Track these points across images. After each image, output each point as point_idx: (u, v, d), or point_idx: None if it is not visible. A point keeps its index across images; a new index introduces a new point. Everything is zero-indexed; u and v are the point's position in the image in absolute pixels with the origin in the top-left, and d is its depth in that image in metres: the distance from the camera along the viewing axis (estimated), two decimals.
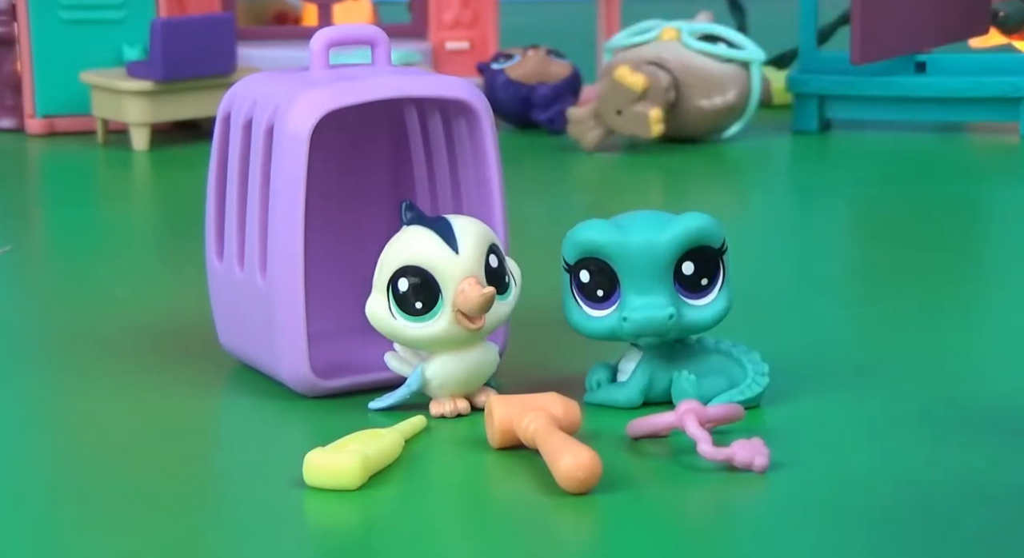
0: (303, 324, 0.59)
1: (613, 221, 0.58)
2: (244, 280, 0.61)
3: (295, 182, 0.58)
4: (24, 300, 0.82)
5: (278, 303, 0.59)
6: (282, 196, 0.58)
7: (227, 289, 0.62)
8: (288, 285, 0.58)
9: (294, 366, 0.59)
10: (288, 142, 0.58)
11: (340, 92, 0.58)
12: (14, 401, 0.63)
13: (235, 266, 0.61)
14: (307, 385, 0.59)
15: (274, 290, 0.59)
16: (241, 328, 0.62)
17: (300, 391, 0.60)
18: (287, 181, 0.58)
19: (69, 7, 1.36)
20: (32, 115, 1.38)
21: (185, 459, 0.56)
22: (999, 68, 1.30)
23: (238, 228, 0.61)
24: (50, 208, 1.12)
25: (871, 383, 0.61)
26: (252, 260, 0.60)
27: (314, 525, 0.49)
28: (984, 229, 1.00)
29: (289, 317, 0.59)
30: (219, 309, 0.64)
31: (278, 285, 0.59)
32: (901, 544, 0.46)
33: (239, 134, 0.61)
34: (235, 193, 0.61)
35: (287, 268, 0.58)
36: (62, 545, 0.48)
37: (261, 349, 0.61)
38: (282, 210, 0.58)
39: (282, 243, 0.58)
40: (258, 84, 0.61)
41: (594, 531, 0.48)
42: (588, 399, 0.59)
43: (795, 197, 1.12)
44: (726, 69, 1.26)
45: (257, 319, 0.60)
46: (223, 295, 0.63)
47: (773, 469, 0.52)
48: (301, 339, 0.59)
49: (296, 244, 0.58)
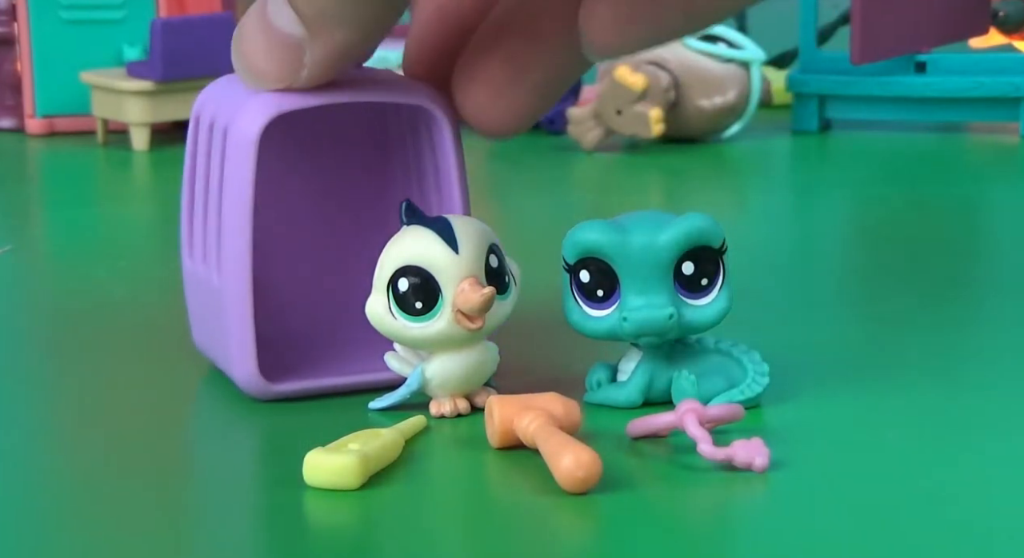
0: (251, 325, 0.59)
1: (613, 221, 0.58)
2: (205, 279, 0.61)
3: (244, 184, 0.58)
4: (24, 300, 0.82)
5: (229, 302, 0.59)
6: (231, 197, 0.58)
7: (195, 287, 0.63)
8: (237, 286, 0.58)
9: (244, 369, 0.59)
10: (237, 145, 0.58)
11: (288, 96, 0.58)
12: (13, 401, 0.63)
13: (199, 265, 0.61)
14: (257, 388, 0.59)
15: (225, 290, 0.59)
16: (206, 327, 0.63)
17: (250, 394, 0.60)
18: (236, 183, 0.58)
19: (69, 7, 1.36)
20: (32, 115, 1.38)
21: (183, 458, 0.56)
22: (999, 68, 1.30)
23: (201, 226, 0.61)
24: (50, 208, 1.12)
25: (871, 383, 0.61)
26: (211, 260, 0.60)
27: (314, 525, 0.49)
28: (984, 229, 1.00)
29: (239, 317, 0.59)
30: (191, 308, 0.64)
31: (228, 285, 0.59)
32: (901, 544, 0.46)
33: (205, 136, 0.61)
34: (201, 194, 0.61)
35: (236, 268, 0.58)
36: (60, 545, 0.48)
37: (219, 350, 0.61)
38: (231, 211, 0.58)
39: (230, 243, 0.58)
40: (226, 87, 0.61)
41: (594, 531, 0.48)
42: (588, 399, 0.59)
43: (795, 197, 1.12)
44: (726, 69, 1.26)
45: (216, 319, 0.61)
46: (192, 294, 0.64)
47: (773, 469, 0.52)
48: (250, 341, 0.59)
49: (244, 245, 0.58)
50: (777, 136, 1.31)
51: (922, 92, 1.30)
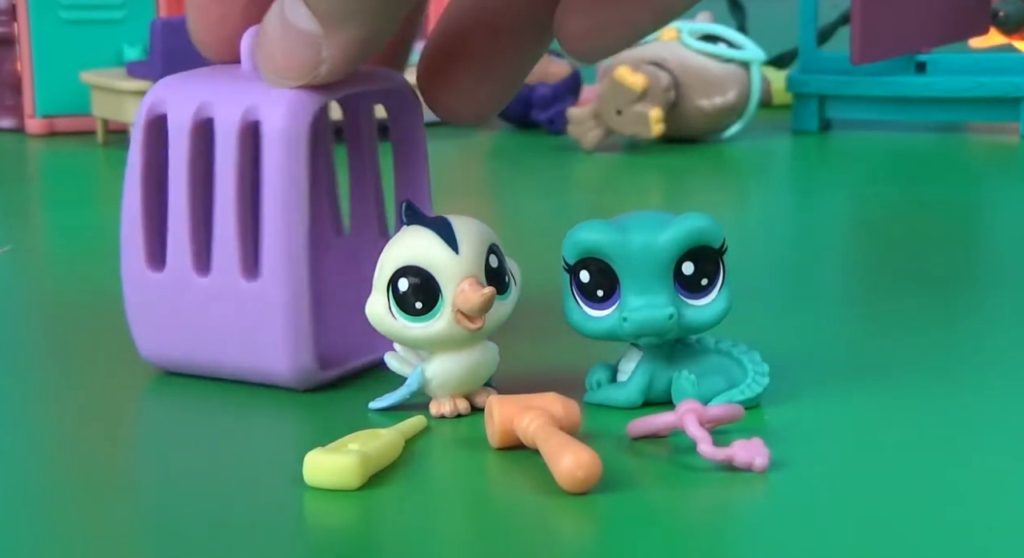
0: (308, 318, 0.59)
1: (613, 221, 0.58)
2: (209, 285, 0.60)
3: (295, 180, 0.58)
4: (24, 300, 0.82)
5: (278, 300, 0.59)
6: (279, 195, 0.58)
7: (170, 297, 0.62)
8: (292, 281, 0.59)
9: (296, 361, 0.59)
10: (282, 141, 0.58)
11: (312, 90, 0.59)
12: (13, 401, 0.63)
13: (190, 273, 0.61)
14: (309, 377, 0.60)
15: (272, 287, 0.59)
16: (193, 335, 0.61)
17: (298, 385, 0.60)
18: (286, 178, 0.58)
19: (69, 7, 1.36)
20: (32, 115, 1.38)
21: (182, 458, 0.56)
22: (999, 68, 1.30)
23: (192, 234, 0.60)
24: (50, 208, 1.12)
25: (871, 383, 0.61)
26: (227, 264, 0.60)
27: (314, 525, 0.49)
28: (984, 229, 1.00)
29: (294, 313, 0.59)
30: (148, 319, 0.63)
31: (278, 282, 0.59)
32: (902, 544, 0.46)
33: (186, 136, 0.60)
34: (184, 199, 0.60)
35: (290, 264, 0.59)
36: (59, 545, 0.48)
37: (236, 352, 0.61)
38: (280, 208, 0.58)
39: (283, 241, 0.58)
40: (196, 84, 0.61)
41: (594, 531, 0.48)
42: (588, 399, 0.59)
43: (795, 197, 1.12)
44: (726, 69, 1.26)
45: (227, 323, 0.60)
46: (160, 304, 0.62)
47: (773, 469, 0.52)
48: (306, 333, 0.59)
49: (300, 241, 0.59)
50: (777, 136, 1.31)
51: (922, 92, 1.30)
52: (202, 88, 0.61)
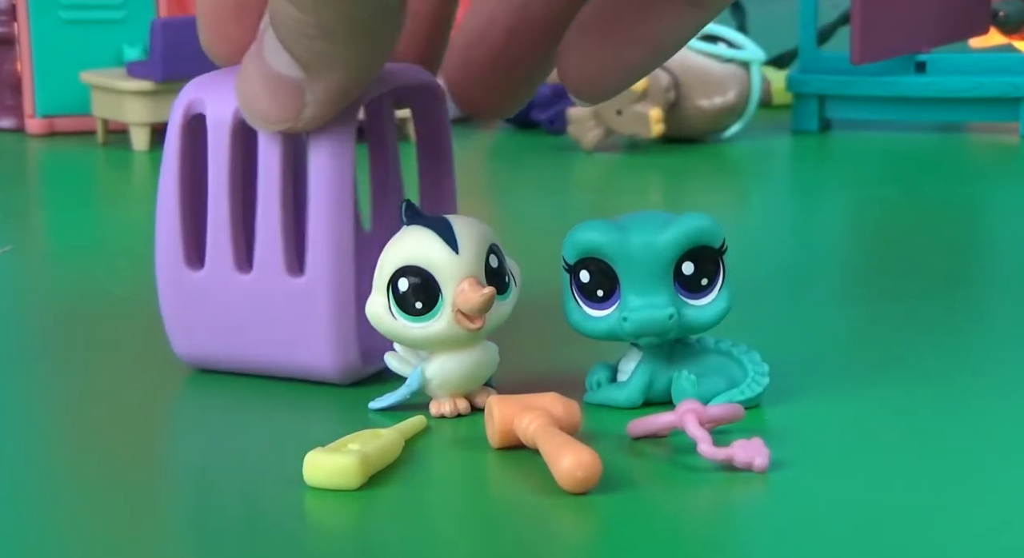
0: (353, 315, 0.60)
1: (613, 221, 0.58)
2: (252, 282, 0.60)
3: (344, 179, 0.59)
4: (24, 300, 0.82)
5: (325, 297, 0.59)
6: (328, 194, 0.59)
7: (211, 296, 0.62)
8: (338, 279, 0.59)
9: (341, 356, 0.60)
10: (330, 140, 0.58)
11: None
12: (12, 401, 0.63)
13: (230, 271, 0.61)
14: (354, 371, 0.61)
15: (319, 285, 0.59)
16: (234, 333, 0.62)
17: (341, 379, 0.61)
18: (333, 179, 0.59)
19: (69, 7, 1.36)
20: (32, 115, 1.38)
21: (183, 458, 0.56)
22: (999, 68, 1.30)
23: (232, 232, 0.61)
24: (50, 208, 1.12)
25: (871, 383, 0.61)
26: (271, 261, 0.60)
27: (314, 525, 0.49)
28: (984, 229, 1.00)
29: (340, 310, 0.60)
30: (187, 317, 0.63)
31: (326, 280, 0.59)
32: (902, 544, 0.46)
33: (226, 135, 0.60)
34: (225, 198, 0.60)
35: (338, 263, 0.59)
36: (59, 545, 0.48)
37: (276, 349, 0.61)
38: (330, 207, 0.59)
39: (332, 239, 0.59)
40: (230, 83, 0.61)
41: (594, 531, 0.48)
42: (588, 399, 0.59)
43: (795, 197, 1.12)
44: (726, 69, 1.26)
45: (270, 320, 0.60)
46: (200, 303, 0.62)
47: (773, 469, 0.52)
48: (351, 329, 0.60)
49: (347, 238, 0.59)
50: (777, 136, 1.31)
51: (922, 92, 1.31)
52: None
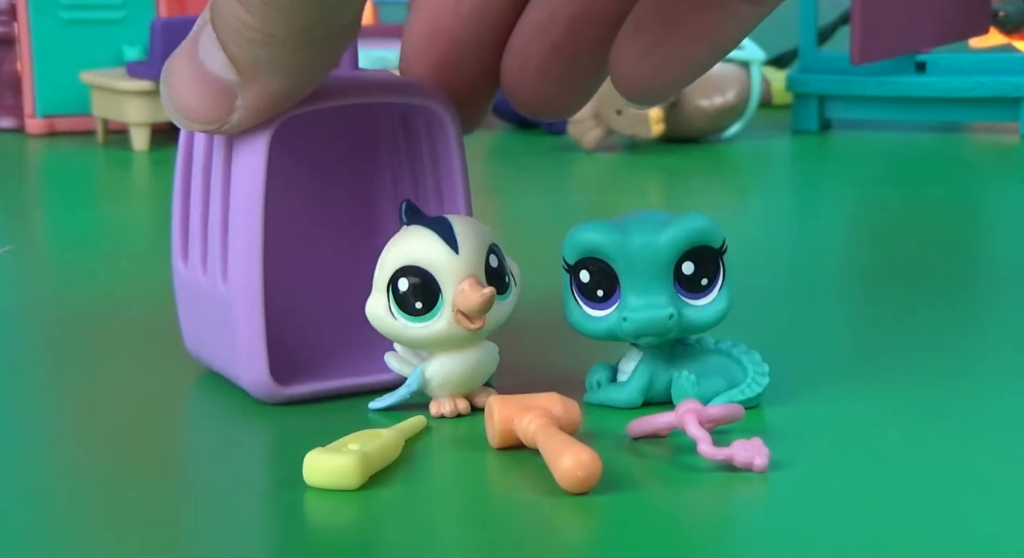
0: (262, 329, 0.58)
1: (613, 221, 0.58)
2: (207, 284, 0.60)
3: (255, 185, 0.57)
4: (24, 300, 0.82)
5: (238, 307, 0.58)
6: (242, 199, 0.58)
7: (191, 294, 0.62)
8: (247, 289, 0.58)
9: (253, 373, 0.59)
10: (248, 145, 0.57)
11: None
12: (12, 401, 0.63)
13: (198, 270, 0.61)
14: (267, 391, 0.59)
15: (233, 295, 0.58)
16: (204, 334, 0.62)
17: (260, 398, 0.59)
18: (247, 184, 0.57)
19: (69, 7, 1.36)
20: (32, 115, 1.38)
21: (183, 459, 0.56)
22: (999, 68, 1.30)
23: (201, 231, 0.61)
24: (50, 208, 1.12)
25: (871, 383, 0.61)
26: (214, 264, 0.59)
27: (314, 525, 0.49)
28: (984, 229, 1.00)
29: (249, 322, 0.58)
30: (184, 314, 0.63)
31: (237, 290, 0.58)
32: (902, 544, 0.46)
33: (203, 139, 0.60)
34: (199, 195, 0.61)
35: (246, 273, 0.58)
36: (61, 545, 0.48)
37: (223, 355, 0.60)
38: (242, 213, 0.58)
39: (240, 249, 0.58)
40: None
41: (594, 531, 0.48)
42: (588, 399, 0.59)
43: (795, 197, 1.12)
44: (726, 69, 1.26)
45: (219, 325, 0.60)
46: (187, 300, 0.63)
47: (773, 469, 0.52)
48: (260, 345, 0.58)
49: (254, 250, 0.58)
50: (777, 136, 1.31)
51: (922, 92, 1.31)
52: None
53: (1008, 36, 1.41)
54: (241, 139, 0.58)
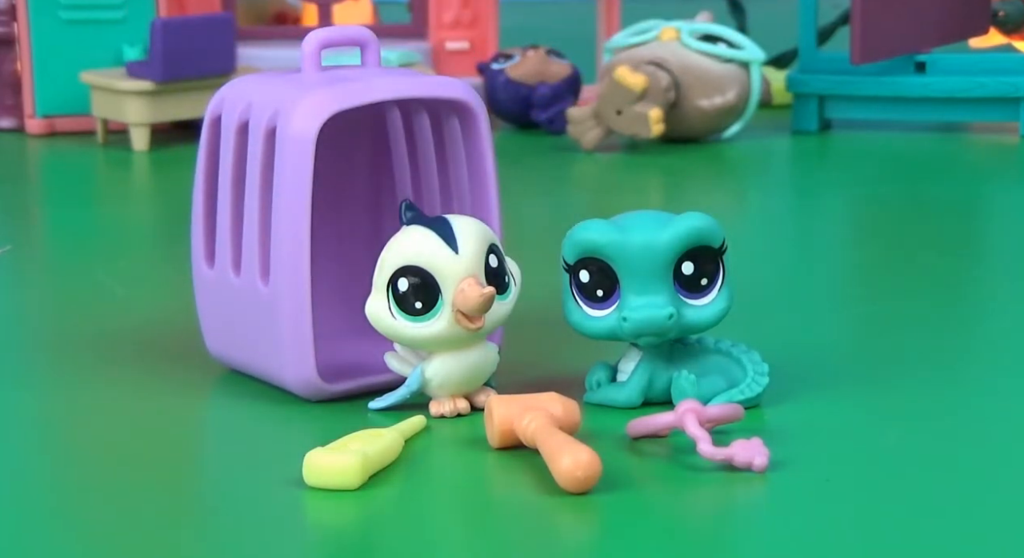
0: (310, 329, 0.58)
1: (613, 221, 0.58)
2: (241, 286, 0.60)
3: (301, 185, 0.58)
4: (24, 300, 0.82)
5: (284, 309, 0.58)
6: (287, 200, 0.58)
7: (218, 296, 0.62)
8: (294, 290, 0.58)
9: (301, 371, 0.59)
10: (293, 144, 0.57)
11: (344, 94, 0.58)
12: (12, 401, 0.63)
13: (229, 272, 0.61)
14: (313, 389, 0.59)
15: (279, 296, 0.58)
16: (235, 335, 0.62)
17: (305, 396, 0.59)
18: (293, 184, 0.58)
19: (69, 7, 1.36)
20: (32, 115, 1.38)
21: (184, 460, 0.56)
22: (999, 68, 1.30)
23: (232, 234, 0.61)
24: (50, 208, 1.12)
25: (871, 383, 0.61)
26: (251, 266, 0.59)
27: (314, 525, 0.49)
28: (984, 229, 1.00)
29: (295, 322, 0.58)
30: (208, 316, 0.63)
31: (283, 290, 0.58)
32: (901, 543, 0.46)
33: (233, 137, 0.60)
34: (228, 197, 0.60)
35: (293, 273, 0.58)
36: (64, 544, 0.48)
37: (261, 355, 0.60)
38: (287, 214, 0.58)
39: (288, 248, 0.58)
40: (251, 86, 0.61)
41: (594, 531, 0.48)
42: (588, 399, 0.59)
43: (795, 197, 1.12)
44: (726, 69, 1.26)
45: (257, 326, 0.60)
46: (213, 302, 0.62)
47: (773, 469, 0.52)
48: (308, 344, 0.58)
49: (303, 248, 0.58)
50: (777, 136, 1.31)
51: (922, 92, 1.30)
52: (256, 90, 0.60)
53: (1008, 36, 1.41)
54: (285, 139, 0.58)
